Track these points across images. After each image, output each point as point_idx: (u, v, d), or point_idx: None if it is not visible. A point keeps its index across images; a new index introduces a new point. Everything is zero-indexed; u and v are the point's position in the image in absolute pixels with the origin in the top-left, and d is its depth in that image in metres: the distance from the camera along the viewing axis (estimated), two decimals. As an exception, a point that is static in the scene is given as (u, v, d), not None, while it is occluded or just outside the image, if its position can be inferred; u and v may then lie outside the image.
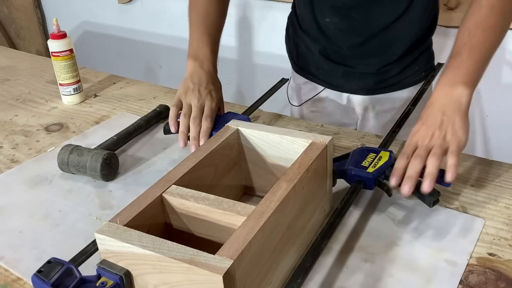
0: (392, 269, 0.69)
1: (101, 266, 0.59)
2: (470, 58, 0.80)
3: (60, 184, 0.93)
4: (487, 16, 0.81)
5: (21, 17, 3.11)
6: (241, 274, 0.55)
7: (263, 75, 2.28)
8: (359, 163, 0.80)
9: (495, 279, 0.66)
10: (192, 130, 0.93)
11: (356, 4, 1.05)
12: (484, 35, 0.81)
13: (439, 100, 0.79)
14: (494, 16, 0.81)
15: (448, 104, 0.78)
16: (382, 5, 1.04)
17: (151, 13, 2.61)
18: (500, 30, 0.83)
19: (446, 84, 0.80)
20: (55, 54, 1.22)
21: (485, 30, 0.81)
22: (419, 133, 0.78)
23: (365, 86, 1.16)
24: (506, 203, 0.81)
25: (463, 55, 0.80)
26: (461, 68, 0.80)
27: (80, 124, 1.16)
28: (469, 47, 0.80)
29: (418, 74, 1.15)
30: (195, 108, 0.95)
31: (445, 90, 0.79)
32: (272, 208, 0.60)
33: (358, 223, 0.78)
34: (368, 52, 1.11)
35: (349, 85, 1.17)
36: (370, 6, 1.05)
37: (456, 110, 0.77)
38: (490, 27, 0.81)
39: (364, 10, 1.05)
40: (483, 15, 0.82)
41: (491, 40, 0.82)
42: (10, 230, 0.82)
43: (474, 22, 0.82)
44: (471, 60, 0.80)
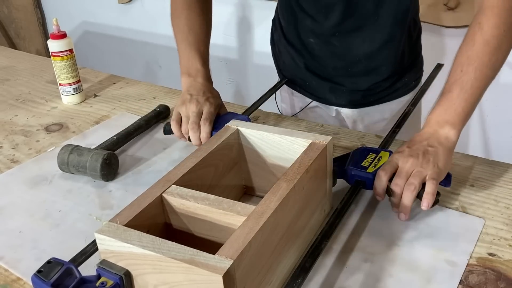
0: (392, 269, 0.69)
1: (101, 266, 0.59)
2: (460, 97, 0.79)
3: (60, 184, 0.93)
4: (480, 53, 0.80)
5: (21, 17, 3.11)
6: (241, 274, 0.55)
7: (263, 75, 2.28)
8: (359, 163, 0.80)
9: (495, 279, 0.66)
10: (192, 136, 0.94)
11: (335, 32, 1.04)
12: (475, 72, 0.79)
13: (426, 135, 0.80)
14: (488, 54, 0.79)
15: (434, 138, 0.79)
16: (362, 35, 1.04)
17: (151, 13, 2.61)
18: (493, 68, 0.81)
19: (434, 122, 0.80)
20: (55, 54, 1.22)
21: (477, 68, 0.79)
22: (402, 154, 0.78)
23: (354, 101, 1.15)
24: (506, 203, 0.81)
25: (453, 93, 0.80)
26: (450, 107, 0.79)
27: (80, 124, 1.16)
28: (460, 85, 0.80)
29: (407, 85, 1.15)
30: (193, 114, 0.95)
31: (433, 128, 0.80)
32: (272, 208, 0.60)
33: (358, 223, 0.78)
34: (354, 73, 1.10)
35: (336, 100, 1.17)
36: (349, 35, 1.04)
37: (441, 144, 0.78)
38: (482, 65, 0.79)
39: (344, 39, 1.05)
40: (476, 52, 0.80)
41: (483, 78, 0.80)
42: (10, 230, 0.82)
43: (467, 59, 0.80)
44: (460, 99, 0.79)
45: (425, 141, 0.78)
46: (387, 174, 0.76)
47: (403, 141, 0.99)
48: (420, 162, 0.75)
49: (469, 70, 0.79)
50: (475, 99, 0.80)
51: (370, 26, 1.02)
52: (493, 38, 0.80)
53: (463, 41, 0.83)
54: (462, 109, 0.79)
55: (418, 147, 0.78)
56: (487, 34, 0.80)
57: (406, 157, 0.77)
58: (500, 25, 0.80)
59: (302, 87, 1.20)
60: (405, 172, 0.75)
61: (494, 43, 0.79)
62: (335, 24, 1.03)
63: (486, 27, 0.80)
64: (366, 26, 1.02)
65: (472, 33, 0.82)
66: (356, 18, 1.01)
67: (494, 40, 0.80)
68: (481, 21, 0.81)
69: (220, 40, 2.31)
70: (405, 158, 0.77)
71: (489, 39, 0.80)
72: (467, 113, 0.80)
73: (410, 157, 0.76)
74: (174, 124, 0.97)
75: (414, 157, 0.76)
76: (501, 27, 0.80)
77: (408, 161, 0.76)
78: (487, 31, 0.80)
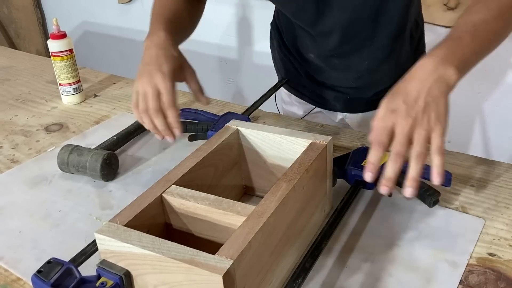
0: (392, 269, 0.69)
1: (101, 266, 0.59)
2: (470, 46, 0.69)
3: (60, 184, 0.93)
4: (495, 18, 0.73)
5: (21, 17, 3.11)
6: (241, 274, 0.55)
7: (263, 75, 2.27)
8: (359, 163, 0.80)
9: (495, 279, 0.66)
10: (158, 124, 0.81)
11: (334, 53, 1.03)
12: (488, 33, 0.72)
13: (425, 75, 0.65)
14: (502, 21, 0.74)
15: (435, 82, 0.65)
16: (362, 55, 1.02)
17: (151, 13, 2.60)
18: (500, 37, 0.75)
19: (438, 58, 0.66)
20: (55, 54, 1.22)
21: (489, 30, 0.72)
22: (397, 114, 0.63)
23: (359, 108, 1.14)
24: (506, 203, 0.81)
25: (463, 41, 0.69)
26: (459, 51, 0.68)
27: (80, 124, 1.16)
28: (471, 35, 0.70)
29: None
30: (150, 97, 0.81)
31: (435, 65, 0.66)
32: (272, 208, 0.60)
33: (358, 223, 0.78)
34: (358, 85, 1.09)
35: (341, 107, 1.16)
36: (349, 56, 1.03)
37: (443, 92, 0.65)
38: (495, 29, 0.73)
39: (343, 58, 1.04)
40: (491, 16, 0.73)
41: (493, 40, 0.74)
42: (10, 230, 0.82)
43: (481, 19, 0.72)
44: (470, 48, 0.69)
45: (424, 88, 0.64)
46: (385, 145, 0.63)
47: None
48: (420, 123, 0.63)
49: (482, 28, 0.71)
50: (481, 56, 0.72)
51: (369, 47, 1.01)
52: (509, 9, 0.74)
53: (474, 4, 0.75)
54: (469, 59, 0.69)
55: (415, 100, 0.64)
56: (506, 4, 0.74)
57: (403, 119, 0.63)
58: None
59: (305, 94, 1.19)
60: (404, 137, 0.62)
61: (508, 17, 0.74)
62: (333, 48, 1.01)
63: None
64: (365, 48, 1.01)
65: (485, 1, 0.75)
66: (354, 42, 1.00)
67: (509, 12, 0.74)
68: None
69: (220, 40, 2.31)
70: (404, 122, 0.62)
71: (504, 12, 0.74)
72: (471, 65, 0.70)
73: (407, 118, 0.62)
74: (137, 112, 0.83)
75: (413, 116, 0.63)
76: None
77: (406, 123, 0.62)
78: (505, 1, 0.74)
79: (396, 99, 0.65)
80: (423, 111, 0.63)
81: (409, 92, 0.64)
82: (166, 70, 0.81)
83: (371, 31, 0.98)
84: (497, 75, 1.80)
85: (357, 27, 0.96)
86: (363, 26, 0.97)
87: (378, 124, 0.64)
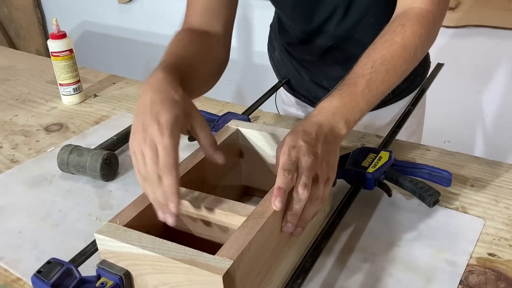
0: (392, 269, 0.69)
1: (100, 266, 0.59)
2: (364, 95, 0.72)
3: (60, 184, 0.93)
4: (396, 56, 0.75)
5: (21, 17, 3.11)
6: (241, 274, 0.54)
7: (263, 75, 2.27)
8: (359, 163, 0.80)
9: (495, 279, 0.66)
10: (157, 194, 0.61)
11: (328, 50, 1.02)
12: (385, 75, 0.73)
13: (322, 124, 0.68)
14: (402, 59, 0.75)
15: (330, 131, 0.68)
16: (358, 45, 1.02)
17: (151, 13, 2.61)
18: (400, 76, 0.76)
19: (330, 113, 0.70)
20: (55, 54, 1.22)
21: (388, 71, 0.74)
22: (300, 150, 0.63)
23: None
24: (506, 203, 0.81)
25: (358, 88, 0.72)
26: (351, 102, 0.71)
27: (80, 124, 1.16)
28: (367, 81, 0.72)
29: (414, 82, 1.12)
30: (148, 159, 0.62)
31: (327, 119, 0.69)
32: (272, 208, 0.60)
33: (358, 223, 0.78)
34: None
35: None
36: (345, 49, 1.02)
37: (336, 144, 0.69)
38: (394, 69, 0.74)
39: (342, 52, 1.03)
40: (392, 53, 0.75)
41: (388, 83, 0.75)
42: (10, 230, 0.82)
43: (382, 57, 0.74)
44: (363, 97, 0.72)
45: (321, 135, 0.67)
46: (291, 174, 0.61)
47: (403, 141, 0.99)
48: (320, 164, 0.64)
49: (381, 70, 0.73)
50: (375, 102, 0.74)
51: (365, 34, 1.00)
52: (411, 45, 0.76)
53: (381, 37, 0.78)
54: (360, 109, 0.72)
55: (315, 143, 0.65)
56: (408, 40, 0.76)
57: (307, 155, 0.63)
58: (421, 36, 0.77)
59: (306, 96, 1.19)
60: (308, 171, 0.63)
61: (411, 51, 0.76)
62: (327, 46, 1.02)
63: (408, 32, 0.76)
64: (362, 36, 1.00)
65: (393, 33, 0.77)
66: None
67: (411, 48, 0.76)
68: (405, 24, 0.77)
69: (220, 40, 2.30)
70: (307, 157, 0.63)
71: (407, 45, 0.76)
72: (362, 114, 0.73)
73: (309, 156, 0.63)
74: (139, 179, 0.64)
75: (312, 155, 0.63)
76: (421, 37, 0.77)
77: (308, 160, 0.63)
78: (408, 37, 0.76)
79: (297, 137, 0.65)
80: (321, 155, 0.65)
81: (309, 132, 0.66)
82: (163, 119, 0.62)
83: (369, 19, 0.97)
84: (497, 75, 1.81)
85: (358, 10, 0.96)
86: (366, 8, 0.96)
87: (284, 157, 0.63)
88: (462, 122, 1.94)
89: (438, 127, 1.81)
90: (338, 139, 0.70)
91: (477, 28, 1.74)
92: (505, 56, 1.76)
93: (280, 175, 0.61)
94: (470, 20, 1.73)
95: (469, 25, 1.74)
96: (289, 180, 0.61)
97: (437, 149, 0.95)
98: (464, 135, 1.96)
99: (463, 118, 1.93)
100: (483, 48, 1.78)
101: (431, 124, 1.27)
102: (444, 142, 1.98)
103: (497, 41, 1.75)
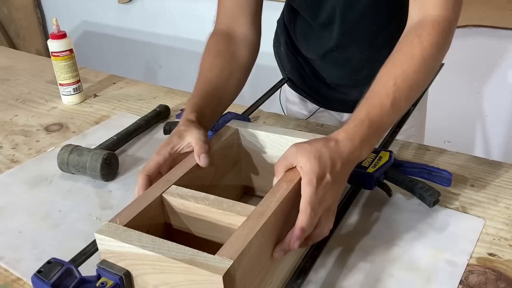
0: (392, 269, 0.69)
1: (101, 266, 0.59)
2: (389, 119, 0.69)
3: (60, 184, 0.93)
4: (417, 70, 0.71)
5: (21, 17, 3.11)
6: (241, 274, 0.54)
7: (263, 75, 2.27)
8: (359, 163, 0.80)
9: (495, 279, 0.66)
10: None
11: (333, 47, 1.02)
12: (409, 92, 0.71)
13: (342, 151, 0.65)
14: (424, 73, 0.72)
15: (347, 162, 0.65)
16: (361, 45, 1.01)
17: (151, 13, 2.61)
18: (421, 89, 0.74)
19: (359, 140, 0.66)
20: (55, 54, 1.22)
21: (411, 87, 0.71)
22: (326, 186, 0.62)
23: None
24: (506, 203, 0.81)
25: (384, 111, 0.68)
26: (377, 131, 0.68)
27: (80, 124, 1.16)
28: (391, 103, 0.69)
29: None
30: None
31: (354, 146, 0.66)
32: (272, 208, 0.60)
33: (358, 223, 0.78)
34: (357, 81, 1.08)
35: (342, 108, 1.16)
36: (348, 48, 1.02)
37: (347, 173, 0.67)
38: (417, 84, 0.72)
39: (343, 52, 1.03)
40: (414, 67, 0.71)
41: (412, 99, 0.72)
42: (10, 230, 0.82)
43: (403, 73, 0.71)
44: (389, 121, 0.70)
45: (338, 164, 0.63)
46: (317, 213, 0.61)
47: (403, 141, 0.99)
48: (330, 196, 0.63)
49: (403, 88, 0.70)
50: (396, 119, 0.73)
51: (368, 35, 1.00)
52: (430, 57, 0.72)
53: (399, 50, 0.74)
54: (383, 131, 0.70)
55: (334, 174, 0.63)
56: (426, 52, 0.72)
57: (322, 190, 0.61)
58: (438, 45, 0.73)
59: (309, 94, 1.19)
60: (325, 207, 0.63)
61: (430, 63, 0.73)
62: (334, 40, 1.01)
63: (426, 43, 0.73)
64: (365, 37, 1.00)
65: (410, 45, 0.73)
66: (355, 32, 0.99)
67: (431, 59, 0.72)
68: (422, 34, 0.73)
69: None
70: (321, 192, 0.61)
71: (426, 57, 0.72)
72: (382, 135, 0.72)
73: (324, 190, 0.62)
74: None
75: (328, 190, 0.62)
76: (439, 46, 0.74)
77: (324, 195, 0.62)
78: (426, 48, 0.72)
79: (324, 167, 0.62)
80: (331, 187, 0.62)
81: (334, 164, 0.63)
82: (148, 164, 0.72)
83: (370, 17, 0.96)
84: (497, 75, 1.80)
85: (356, 13, 0.96)
86: (363, 11, 0.95)
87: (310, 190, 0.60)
88: (462, 122, 1.94)
89: (438, 127, 1.81)
90: (351, 168, 0.67)
91: (477, 28, 1.74)
92: (505, 56, 1.76)
93: (305, 213, 0.59)
94: (470, 20, 1.73)
95: (469, 25, 1.74)
96: (314, 220, 0.60)
97: (437, 149, 0.95)
98: (464, 135, 1.96)
99: (463, 118, 1.93)
100: (483, 48, 1.78)
101: (431, 124, 1.27)
102: (444, 142, 1.98)
103: (497, 41, 1.75)
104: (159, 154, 0.73)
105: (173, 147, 0.74)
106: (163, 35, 2.59)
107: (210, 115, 0.82)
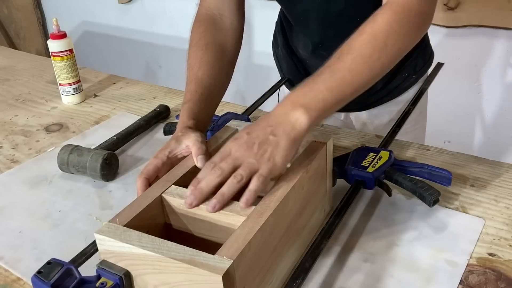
0: (392, 269, 0.69)
1: (100, 266, 0.59)
2: (326, 83, 0.69)
3: (60, 184, 0.93)
4: (364, 45, 0.71)
5: (21, 17, 3.11)
6: (241, 274, 0.54)
7: (263, 75, 2.27)
8: (359, 163, 0.80)
9: (495, 279, 0.66)
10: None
11: (319, 43, 1.02)
12: (351, 64, 0.70)
13: (275, 117, 0.69)
14: (371, 48, 0.71)
15: (281, 124, 0.67)
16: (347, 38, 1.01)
17: (151, 13, 2.61)
18: (372, 67, 0.72)
19: (288, 102, 0.69)
20: (55, 54, 1.22)
21: (354, 59, 0.70)
22: (237, 142, 0.67)
23: (360, 104, 1.12)
24: (506, 203, 0.81)
25: (320, 77, 0.70)
26: (312, 91, 0.69)
27: (80, 124, 1.16)
28: (331, 71, 0.70)
29: (408, 78, 1.10)
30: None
31: (284, 110, 0.69)
32: (272, 208, 0.60)
33: (358, 223, 0.78)
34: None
35: (343, 107, 1.15)
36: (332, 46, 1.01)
37: (286, 134, 0.67)
38: (361, 58, 0.71)
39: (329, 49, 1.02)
40: (360, 42, 0.71)
41: (357, 73, 0.71)
42: (10, 230, 0.82)
43: (348, 47, 0.71)
44: (325, 85, 0.69)
45: (269, 127, 0.67)
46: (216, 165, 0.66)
47: (403, 141, 0.99)
48: (254, 153, 0.65)
49: (347, 59, 0.71)
50: (342, 93, 0.70)
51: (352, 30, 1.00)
52: (381, 33, 0.72)
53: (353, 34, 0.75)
54: (323, 97, 0.69)
55: (258, 135, 0.67)
56: (377, 28, 0.72)
57: (240, 145, 0.66)
58: (392, 22, 0.72)
59: None
60: (233, 158, 0.66)
61: (381, 39, 0.72)
62: (318, 35, 1.01)
63: (379, 20, 0.73)
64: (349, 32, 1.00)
65: (364, 24, 0.74)
66: (337, 27, 0.97)
67: (381, 35, 0.72)
68: (377, 14, 0.74)
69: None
70: (239, 147, 0.66)
71: (377, 33, 0.72)
72: (327, 104, 0.69)
73: (244, 146, 0.66)
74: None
75: (249, 147, 0.66)
76: (393, 24, 0.72)
77: (240, 149, 0.66)
78: (378, 24, 0.72)
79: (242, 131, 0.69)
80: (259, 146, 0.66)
81: (256, 127, 0.69)
82: (146, 168, 0.74)
83: (351, 9, 0.94)
84: (497, 75, 1.80)
85: (338, 3, 0.94)
86: (345, 1, 0.94)
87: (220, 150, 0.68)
88: (462, 122, 1.94)
89: (438, 127, 1.81)
90: (292, 130, 0.67)
91: (477, 28, 1.74)
92: (505, 56, 1.76)
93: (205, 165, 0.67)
94: (470, 20, 1.73)
95: (469, 25, 1.74)
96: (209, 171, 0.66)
97: (437, 149, 0.95)
98: (464, 135, 1.96)
99: (463, 118, 1.93)
100: (483, 48, 1.78)
101: (431, 124, 1.27)
102: (444, 142, 1.98)
103: (497, 41, 1.75)
104: (157, 158, 0.74)
105: (171, 150, 0.75)
106: (163, 35, 2.59)
107: (205, 119, 0.84)
